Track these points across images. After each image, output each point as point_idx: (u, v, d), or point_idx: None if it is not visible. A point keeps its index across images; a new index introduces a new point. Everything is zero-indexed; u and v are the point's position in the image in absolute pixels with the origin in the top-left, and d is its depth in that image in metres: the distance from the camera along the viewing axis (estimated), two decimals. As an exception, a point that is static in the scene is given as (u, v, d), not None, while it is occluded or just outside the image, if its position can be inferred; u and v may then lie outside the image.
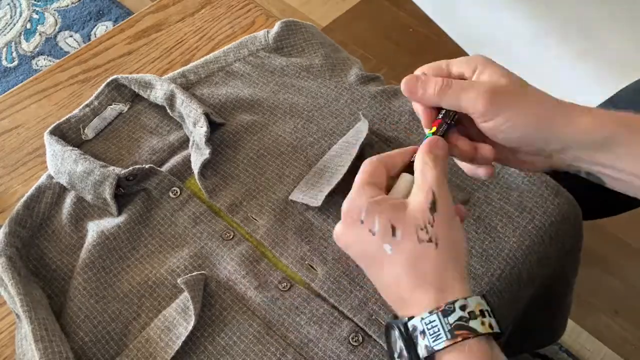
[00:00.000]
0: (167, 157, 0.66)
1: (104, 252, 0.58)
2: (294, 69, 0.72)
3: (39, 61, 1.58)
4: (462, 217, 0.44)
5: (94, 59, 0.84)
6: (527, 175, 0.62)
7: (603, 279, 1.12)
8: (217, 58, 0.73)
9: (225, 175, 0.64)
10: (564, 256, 0.66)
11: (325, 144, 0.65)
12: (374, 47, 1.49)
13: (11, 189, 0.71)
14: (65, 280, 0.58)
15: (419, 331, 0.39)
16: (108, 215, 0.61)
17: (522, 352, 0.86)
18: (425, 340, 0.38)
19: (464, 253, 0.41)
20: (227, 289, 0.56)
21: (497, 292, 0.57)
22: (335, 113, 0.68)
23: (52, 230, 0.61)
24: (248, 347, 0.53)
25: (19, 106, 0.79)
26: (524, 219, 0.60)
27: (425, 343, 0.38)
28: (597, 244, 1.13)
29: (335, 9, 1.60)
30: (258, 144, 0.66)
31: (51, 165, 0.64)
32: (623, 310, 1.05)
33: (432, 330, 0.38)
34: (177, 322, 0.53)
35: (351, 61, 0.73)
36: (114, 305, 0.56)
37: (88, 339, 0.54)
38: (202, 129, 0.63)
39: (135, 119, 0.69)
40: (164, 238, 0.60)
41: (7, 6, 1.68)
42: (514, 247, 0.59)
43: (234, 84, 0.71)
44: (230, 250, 0.58)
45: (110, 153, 0.67)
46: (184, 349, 0.53)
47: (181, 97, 0.66)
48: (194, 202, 0.62)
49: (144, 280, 0.57)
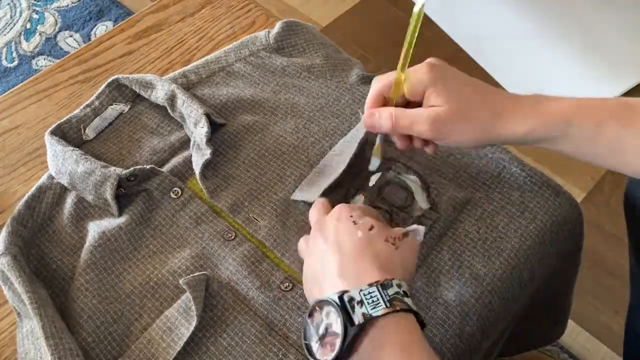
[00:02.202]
0: (168, 158, 0.66)
1: (106, 253, 0.58)
2: (295, 69, 0.72)
3: (39, 61, 1.57)
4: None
5: (94, 59, 0.84)
6: (529, 175, 0.62)
7: (603, 279, 1.12)
8: (218, 58, 0.73)
9: (227, 176, 0.63)
10: (564, 256, 0.66)
11: (327, 144, 0.65)
12: (374, 47, 1.49)
13: (11, 189, 0.71)
14: (65, 280, 0.58)
15: (356, 301, 0.42)
16: (109, 216, 0.61)
17: (523, 351, 0.86)
18: (362, 309, 0.42)
19: (410, 272, 0.48)
20: (229, 290, 0.56)
21: (498, 292, 0.57)
22: (336, 113, 0.68)
23: (52, 230, 0.61)
24: (250, 348, 0.53)
25: (19, 106, 0.79)
26: (525, 218, 0.60)
27: (363, 311, 0.42)
28: (597, 244, 1.13)
29: (335, 9, 1.60)
30: (259, 144, 0.66)
31: (52, 165, 0.64)
32: (623, 310, 1.04)
33: (370, 299, 0.42)
34: (179, 323, 0.53)
35: (352, 62, 0.74)
36: (116, 306, 0.56)
37: (91, 340, 0.54)
38: (203, 129, 0.63)
39: (136, 119, 0.69)
40: (166, 239, 0.60)
41: (7, 6, 1.68)
42: (516, 247, 0.59)
43: (235, 84, 0.71)
44: (232, 250, 0.58)
45: (111, 153, 0.67)
46: (185, 350, 0.53)
47: (182, 97, 0.66)
48: (195, 203, 0.61)
49: (146, 281, 0.57)
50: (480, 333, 0.56)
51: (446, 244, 0.58)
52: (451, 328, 0.54)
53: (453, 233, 0.59)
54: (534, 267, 0.60)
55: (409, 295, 0.44)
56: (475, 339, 0.56)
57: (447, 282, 0.56)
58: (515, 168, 0.63)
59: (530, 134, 0.50)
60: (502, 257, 0.58)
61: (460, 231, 0.59)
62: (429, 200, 0.60)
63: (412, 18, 0.51)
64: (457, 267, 0.57)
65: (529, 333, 0.79)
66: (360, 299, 0.42)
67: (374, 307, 0.42)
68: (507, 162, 0.63)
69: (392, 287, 0.43)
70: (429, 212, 0.60)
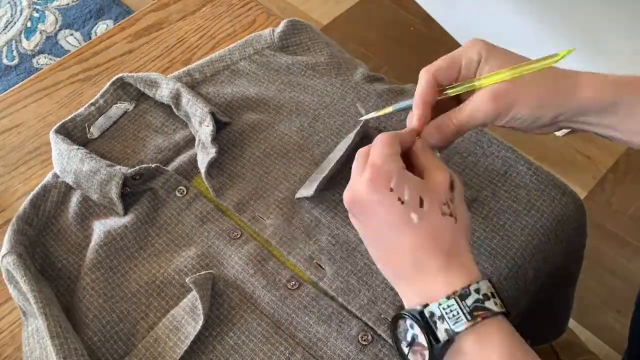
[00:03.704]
0: (173, 156, 0.65)
1: (112, 252, 0.58)
2: (299, 68, 0.71)
3: (39, 60, 1.57)
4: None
5: (94, 57, 0.83)
6: (535, 173, 0.62)
7: (605, 278, 1.12)
8: (222, 57, 0.73)
9: (232, 175, 0.63)
10: (568, 254, 0.66)
11: (332, 143, 0.65)
12: (375, 45, 1.49)
13: (12, 188, 0.71)
14: (71, 279, 0.58)
15: (437, 317, 0.40)
16: (114, 215, 0.61)
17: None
18: (444, 325, 0.40)
19: (470, 231, 0.45)
20: (235, 288, 0.56)
21: (504, 290, 0.57)
22: (341, 111, 0.68)
23: (57, 229, 0.61)
24: (257, 347, 0.53)
25: (20, 105, 0.79)
26: (532, 217, 0.60)
27: (445, 327, 0.40)
28: (600, 242, 1.13)
29: (336, 8, 1.60)
30: (264, 142, 0.65)
31: (57, 164, 0.64)
32: (625, 309, 1.05)
33: (451, 314, 0.40)
34: (186, 322, 0.53)
35: (356, 61, 0.73)
36: (122, 305, 0.55)
37: (97, 339, 0.53)
38: (208, 128, 0.63)
39: (140, 118, 0.69)
40: (171, 237, 0.60)
41: (8, 5, 1.67)
42: (522, 245, 0.59)
43: (240, 83, 0.71)
44: (238, 249, 0.58)
45: (116, 152, 0.66)
46: (192, 349, 0.52)
47: (187, 96, 0.66)
48: (201, 201, 0.61)
49: (152, 279, 0.57)
50: (485, 332, 0.56)
51: (453, 243, 0.58)
52: (458, 327, 0.54)
53: (459, 231, 0.59)
54: (539, 266, 0.60)
55: (490, 294, 0.41)
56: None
57: (454, 280, 0.56)
58: (522, 167, 0.63)
59: (599, 95, 0.46)
60: (509, 256, 0.58)
61: (467, 230, 0.59)
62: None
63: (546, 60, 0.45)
64: (464, 266, 0.57)
65: (530, 331, 0.78)
66: (441, 314, 0.40)
67: (455, 322, 0.40)
68: (513, 161, 0.63)
69: (471, 294, 0.40)
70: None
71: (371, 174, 0.43)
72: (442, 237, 0.42)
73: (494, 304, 0.41)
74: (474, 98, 0.47)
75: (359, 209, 0.44)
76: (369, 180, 0.43)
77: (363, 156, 0.45)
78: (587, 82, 0.46)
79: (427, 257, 0.42)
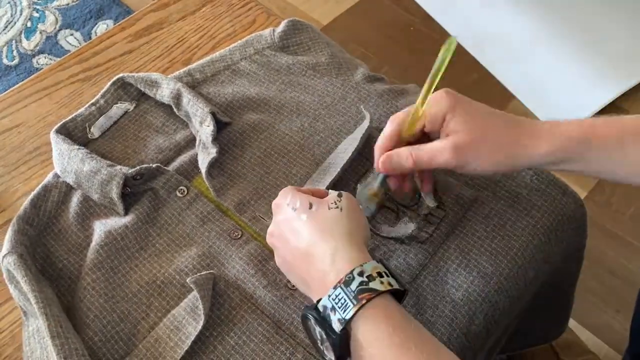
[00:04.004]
0: (174, 156, 0.65)
1: (112, 252, 0.58)
2: (300, 68, 0.71)
3: (39, 60, 1.57)
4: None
5: (94, 57, 0.83)
6: (536, 173, 0.62)
7: (605, 278, 1.12)
8: (222, 56, 0.73)
9: (233, 175, 0.63)
10: (568, 254, 0.66)
11: (332, 143, 0.65)
12: (375, 45, 1.49)
13: (12, 188, 0.71)
14: (71, 279, 0.58)
15: (329, 309, 0.42)
16: (115, 215, 0.61)
17: (525, 347, 0.87)
18: (336, 315, 0.42)
19: (364, 227, 0.49)
20: (236, 288, 0.56)
21: (505, 290, 0.57)
22: (342, 111, 0.68)
23: (58, 229, 0.61)
24: (257, 347, 0.53)
25: (20, 105, 0.79)
26: (532, 217, 0.60)
27: (337, 317, 0.42)
28: (599, 242, 1.13)
29: (336, 8, 1.60)
30: (265, 142, 0.65)
31: (57, 164, 0.64)
32: (624, 309, 1.05)
33: (339, 303, 0.42)
34: (186, 322, 0.53)
35: (357, 62, 0.74)
36: (122, 305, 0.55)
37: (97, 339, 0.53)
38: (208, 128, 0.63)
39: (141, 118, 0.69)
40: (172, 237, 0.60)
41: (8, 4, 1.67)
42: (523, 245, 0.59)
43: (240, 83, 0.71)
44: (239, 249, 0.58)
45: (116, 152, 0.66)
46: (193, 349, 0.52)
47: (187, 96, 0.66)
48: (202, 201, 0.61)
49: (153, 279, 0.57)
50: (485, 332, 0.56)
51: (453, 242, 0.58)
52: (458, 327, 0.54)
53: (460, 231, 0.59)
54: (539, 266, 0.60)
55: (376, 274, 0.43)
56: (480, 338, 0.56)
57: (454, 280, 0.56)
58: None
59: (552, 154, 0.49)
60: (509, 256, 0.58)
61: (468, 229, 0.59)
62: (436, 198, 0.60)
63: (441, 53, 0.49)
64: (465, 266, 0.57)
65: (530, 331, 0.79)
66: (332, 305, 0.42)
67: (344, 309, 0.41)
68: (513, 161, 0.63)
69: (354, 279, 0.42)
70: (436, 211, 0.60)
71: (274, 206, 0.51)
72: (329, 223, 0.47)
73: (380, 283, 0.42)
74: (436, 144, 0.51)
75: (275, 238, 0.50)
76: (273, 208, 0.51)
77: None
78: (546, 137, 0.49)
79: (319, 248, 0.45)
